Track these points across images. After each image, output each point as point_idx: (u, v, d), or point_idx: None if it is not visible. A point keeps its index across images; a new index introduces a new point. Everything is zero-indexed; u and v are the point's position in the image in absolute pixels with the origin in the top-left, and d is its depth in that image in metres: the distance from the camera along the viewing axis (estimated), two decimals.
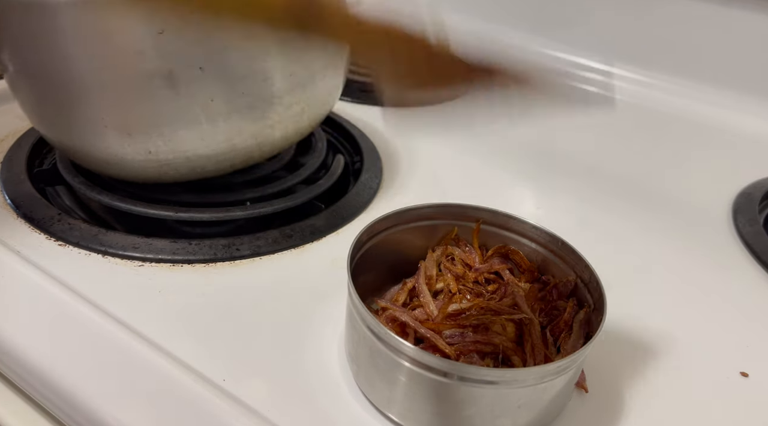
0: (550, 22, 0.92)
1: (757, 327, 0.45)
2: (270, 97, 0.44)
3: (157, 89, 0.40)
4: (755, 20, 0.77)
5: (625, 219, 0.56)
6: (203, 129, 0.43)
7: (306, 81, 0.46)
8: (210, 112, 0.42)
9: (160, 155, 0.43)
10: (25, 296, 0.40)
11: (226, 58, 0.41)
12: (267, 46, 0.42)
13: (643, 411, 0.37)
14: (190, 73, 0.41)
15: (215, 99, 0.42)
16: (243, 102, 0.43)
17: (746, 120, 0.78)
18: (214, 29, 0.39)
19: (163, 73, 0.40)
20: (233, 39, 0.41)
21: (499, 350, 0.34)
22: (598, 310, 0.36)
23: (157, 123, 0.42)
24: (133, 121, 0.42)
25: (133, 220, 0.49)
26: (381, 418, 0.35)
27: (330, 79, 0.49)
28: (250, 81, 0.43)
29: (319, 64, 0.47)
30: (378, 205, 0.53)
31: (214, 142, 0.44)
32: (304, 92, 0.46)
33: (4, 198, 0.49)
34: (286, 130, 0.47)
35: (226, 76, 0.42)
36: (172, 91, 0.41)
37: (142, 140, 0.43)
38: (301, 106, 0.47)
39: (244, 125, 0.44)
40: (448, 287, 0.39)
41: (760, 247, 0.53)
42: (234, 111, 0.43)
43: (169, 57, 0.40)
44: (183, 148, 0.43)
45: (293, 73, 0.44)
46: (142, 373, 0.35)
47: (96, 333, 0.37)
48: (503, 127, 0.71)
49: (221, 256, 0.45)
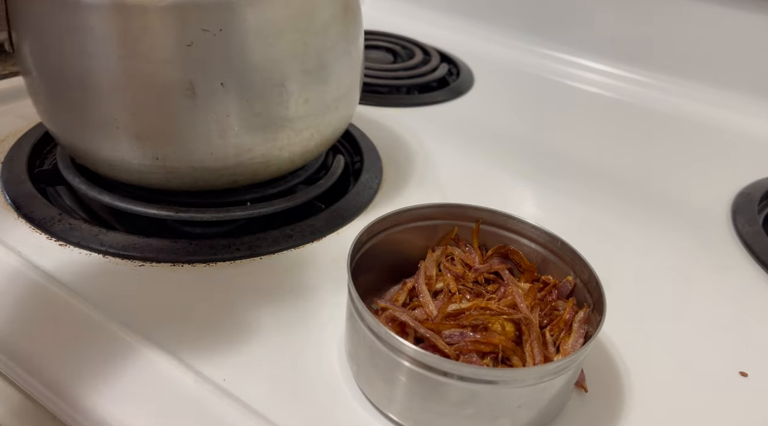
0: (550, 22, 0.92)
1: (756, 327, 0.45)
2: (283, 120, 0.45)
3: (175, 98, 0.41)
4: (755, 20, 0.77)
5: (624, 219, 0.56)
6: (214, 142, 0.43)
7: (320, 109, 0.47)
8: (223, 126, 0.43)
9: (167, 162, 0.44)
10: (26, 296, 0.40)
11: (247, 77, 0.42)
12: (288, 71, 0.44)
13: (643, 411, 0.37)
14: (211, 87, 0.41)
15: (231, 115, 0.43)
16: (256, 121, 0.44)
17: (746, 120, 0.78)
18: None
19: (184, 83, 0.41)
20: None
21: (499, 350, 0.34)
22: (598, 309, 0.36)
23: (169, 130, 0.42)
24: (146, 126, 0.42)
25: (133, 220, 0.49)
26: (381, 418, 0.35)
27: (343, 109, 0.50)
28: (266, 102, 0.44)
29: (334, 95, 0.48)
30: (378, 205, 0.53)
31: (223, 157, 0.44)
32: (315, 118, 0.47)
33: (4, 198, 0.49)
34: (293, 152, 0.47)
35: (244, 95, 0.42)
36: (191, 102, 0.41)
37: (151, 145, 0.43)
38: (311, 132, 0.48)
39: (253, 144, 0.45)
40: (448, 287, 0.39)
41: (760, 247, 0.53)
42: (246, 129, 0.44)
43: (194, 69, 0.41)
44: (191, 159, 0.44)
45: (308, 100, 0.46)
46: (142, 373, 0.35)
47: (96, 333, 0.37)
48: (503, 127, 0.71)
49: (221, 256, 0.45)
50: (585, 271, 0.38)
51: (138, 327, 0.38)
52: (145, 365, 0.36)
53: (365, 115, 0.69)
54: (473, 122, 0.72)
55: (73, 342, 0.37)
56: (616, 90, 0.85)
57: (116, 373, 0.35)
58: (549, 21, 0.92)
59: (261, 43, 0.42)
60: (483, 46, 0.95)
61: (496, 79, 0.86)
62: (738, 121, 0.78)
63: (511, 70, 0.89)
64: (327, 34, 0.45)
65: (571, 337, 0.36)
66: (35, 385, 0.37)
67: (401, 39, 0.93)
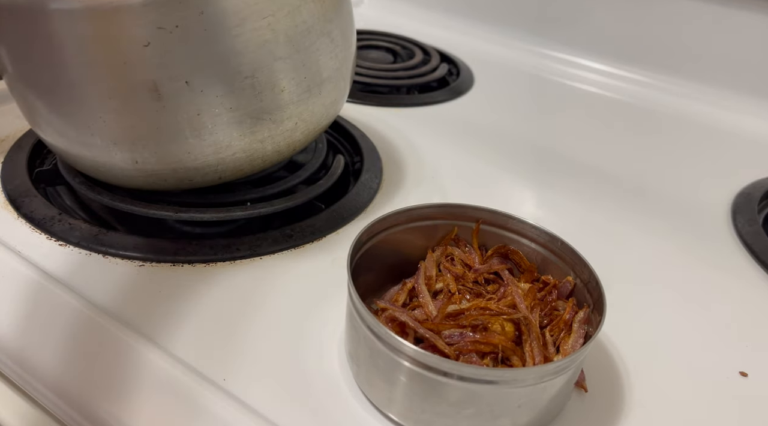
0: (550, 22, 0.92)
1: (756, 327, 0.45)
2: (259, 113, 0.43)
3: (141, 101, 0.40)
4: (755, 20, 0.77)
5: (624, 219, 0.56)
6: (189, 143, 0.42)
7: (299, 97, 0.45)
8: (196, 126, 0.42)
9: (147, 166, 0.43)
10: (26, 296, 0.40)
11: (213, 72, 0.40)
12: (257, 61, 0.41)
13: (643, 411, 0.37)
14: (176, 86, 0.40)
15: (201, 113, 0.41)
16: (231, 117, 0.42)
17: (746, 120, 0.78)
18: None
19: (147, 85, 0.39)
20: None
21: (498, 350, 0.34)
22: (598, 310, 0.36)
23: (142, 134, 0.42)
24: (119, 132, 0.42)
25: (133, 220, 0.49)
26: (381, 418, 0.35)
27: (327, 94, 0.48)
28: (237, 96, 0.42)
29: (314, 80, 0.46)
30: (378, 205, 0.53)
31: (202, 156, 0.43)
32: (297, 107, 0.45)
33: (4, 198, 0.49)
34: (277, 144, 0.46)
35: (212, 91, 0.41)
36: (157, 104, 0.40)
37: (128, 150, 0.42)
38: (293, 121, 0.45)
39: (231, 140, 0.43)
40: (448, 287, 0.39)
41: (760, 247, 0.53)
42: (221, 125, 0.42)
43: (155, 69, 0.39)
44: (169, 160, 0.43)
45: (284, 89, 0.43)
46: (142, 373, 0.35)
47: (96, 333, 0.37)
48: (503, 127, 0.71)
49: (221, 256, 0.45)
50: (585, 271, 0.38)
51: (138, 327, 0.38)
52: (144, 365, 0.36)
53: (365, 115, 0.69)
54: (473, 122, 0.72)
55: (72, 342, 0.37)
56: (616, 90, 0.85)
57: (116, 373, 0.35)
58: (549, 21, 0.92)
59: (222, 35, 0.40)
60: (483, 46, 0.95)
61: (496, 79, 0.86)
62: (738, 121, 0.78)
63: (511, 70, 0.89)
64: (298, 15, 0.42)
65: (571, 337, 0.36)
66: (35, 385, 0.37)
67: (401, 39, 0.93)
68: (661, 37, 0.84)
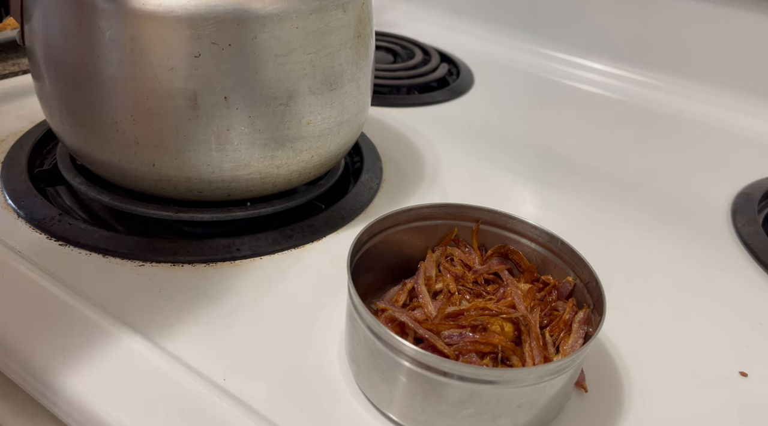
0: (550, 22, 0.92)
1: (756, 327, 0.45)
2: (284, 139, 0.45)
3: (177, 107, 0.41)
4: (755, 20, 0.77)
5: (624, 219, 0.56)
6: (212, 155, 0.43)
7: (321, 132, 0.47)
8: (223, 140, 0.43)
9: (163, 170, 0.44)
10: (26, 296, 0.40)
11: (252, 93, 0.42)
12: (294, 91, 0.44)
13: (643, 411, 0.37)
14: (214, 99, 0.41)
15: (231, 129, 0.43)
16: (257, 138, 0.44)
17: (746, 120, 0.78)
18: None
19: (188, 93, 0.41)
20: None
21: (498, 350, 0.34)
22: (598, 310, 0.36)
23: (168, 138, 0.42)
24: (146, 131, 0.42)
25: (133, 221, 0.49)
26: (381, 418, 0.35)
27: (344, 134, 0.50)
28: (269, 120, 0.43)
29: (337, 120, 0.48)
30: (378, 206, 0.54)
31: (219, 170, 0.44)
32: (317, 141, 0.47)
33: (4, 198, 0.49)
34: (291, 171, 0.47)
35: (247, 111, 0.42)
36: (192, 113, 0.41)
37: (149, 151, 0.43)
38: (311, 154, 0.47)
39: (251, 160, 0.44)
40: (448, 288, 0.39)
41: (759, 247, 0.53)
42: (246, 144, 0.44)
43: (199, 80, 0.41)
44: (186, 168, 0.44)
45: (311, 122, 0.45)
46: (142, 373, 0.35)
47: (96, 333, 0.37)
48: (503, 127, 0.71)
49: (221, 256, 0.45)
50: (585, 271, 0.38)
51: (138, 327, 0.38)
52: (144, 365, 0.36)
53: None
54: (473, 122, 0.72)
55: (72, 342, 0.37)
56: (616, 90, 0.85)
57: (116, 373, 0.35)
58: (549, 21, 0.92)
59: (268, 61, 0.42)
60: (483, 46, 0.95)
61: (496, 79, 0.86)
62: (738, 121, 0.78)
63: (511, 70, 0.89)
64: (336, 57, 0.45)
65: (570, 337, 0.36)
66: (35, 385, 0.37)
67: (401, 39, 0.93)
68: (661, 37, 0.84)
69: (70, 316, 0.38)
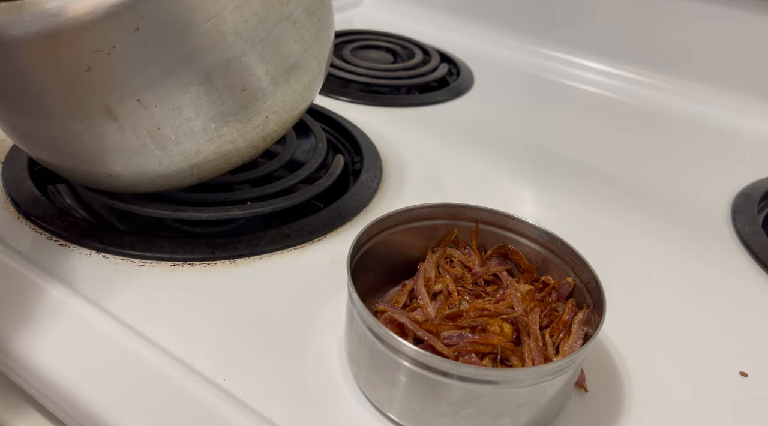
0: (550, 22, 0.92)
1: (756, 327, 0.45)
2: (223, 116, 0.41)
3: (99, 123, 0.39)
4: (755, 20, 0.77)
5: (624, 219, 0.56)
6: (157, 155, 0.41)
7: (263, 90, 0.42)
8: (159, 139, 0.40)
9: (122, 178, 0.43)
10: (25, 295, 0.40)
11: (162, 86, 0.38)
12: (207, 67, 0.39)
13: (643, 411, 0.37)
14: (128, 105, 0.38)
15: (161, 127, 0.40)
16: (192, 126, 0.40)
17: (746, 120, 0.78)
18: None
19: (99, 108, 0.38)
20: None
21: (497, 351, 0.34)
22: (598, 310, 0.36)
23: (108, 152, 0.41)
24: (85, 151, 0.41)
25: (133, 219, 0.49)
26: (381, 418, 0.35)
27: (297, 80, 0.45)
28: (194, 104, 0.40)
29: (279, 70, 0.42)
30: (378, 205, 0.53)
31: (173, 165, 0.42)
32: (263, 102, 0.42)
33: (5, 196, 0.49)
34: (251, 141, 0.44)
35: (167, 104, 0.39)
36: (115, 124, 0.39)
37: (99, 167, 0.42)
38: (263, 116, 0.43)
39: (199, 147, 0.42)
40: (447, 289, 0.39)
41: (759, 247, 0.53)
42: (185, 135, 0.41)
43: (102, 92, 0.37)
44: (142, 172, 0.42)
45: (245, 88, 0.41)
46: (142, 373, 0.35)
47: (96, 333, 0.37)
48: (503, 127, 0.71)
49: (220, 255, 0.45)
50: (585, 271, 0.38)
51: (138, 327, 0.38)
52: (144, 365, 0.36)
53: (365, 115, 0.69)
54: (473, 122, 0.72)
55: (73, 342, 0.37)
56: (616, 90, 0.85)
57: (116, 372, 0.35)
58: (549, 21, 0.92)
59: (164, 47, 0.37)
60: (483, 46, 0.95)
61: (496, 79, 0.86)
62: (738, 121, 0.78)
63: (511, 70, 0.89)
64: (246, 8, 0.39)
65: (570, 338, 0.36)
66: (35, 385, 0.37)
67: (401, 39, 0.93)
68: (661, 37, 0.84)
69: (70, 316, 0.38)
